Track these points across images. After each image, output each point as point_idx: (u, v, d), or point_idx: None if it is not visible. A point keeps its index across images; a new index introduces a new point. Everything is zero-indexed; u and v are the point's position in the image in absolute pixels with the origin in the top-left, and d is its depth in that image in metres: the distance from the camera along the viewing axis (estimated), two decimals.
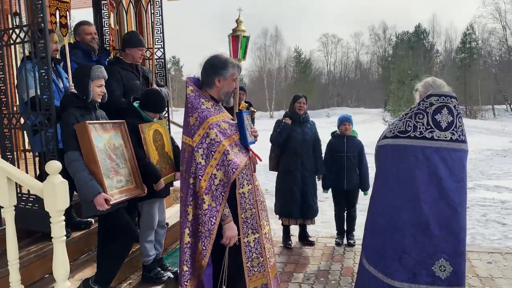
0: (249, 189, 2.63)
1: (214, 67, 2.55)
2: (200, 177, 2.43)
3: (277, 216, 4.89)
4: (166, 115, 4.36)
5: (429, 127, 2.57)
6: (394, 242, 2.61)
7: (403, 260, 2.58)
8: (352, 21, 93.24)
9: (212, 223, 2.41)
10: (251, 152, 2.71)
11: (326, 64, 64.72)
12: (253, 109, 3.64)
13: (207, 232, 2.42)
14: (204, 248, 2.45)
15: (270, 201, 5.98)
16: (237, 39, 3.43)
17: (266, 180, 8.52)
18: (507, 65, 45.37)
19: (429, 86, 2.81)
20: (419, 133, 2.58)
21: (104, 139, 2.91)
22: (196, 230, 2.59)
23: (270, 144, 4.83)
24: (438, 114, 2.58)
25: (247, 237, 2.63)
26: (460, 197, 2.57)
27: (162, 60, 4.48)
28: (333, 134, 4.97)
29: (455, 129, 2.58)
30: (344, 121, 4.83)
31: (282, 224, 4.87)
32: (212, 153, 2.42)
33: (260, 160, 2.86)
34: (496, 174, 10.51)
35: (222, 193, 2.43)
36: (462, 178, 2.59)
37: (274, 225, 5.53)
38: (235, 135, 2.59)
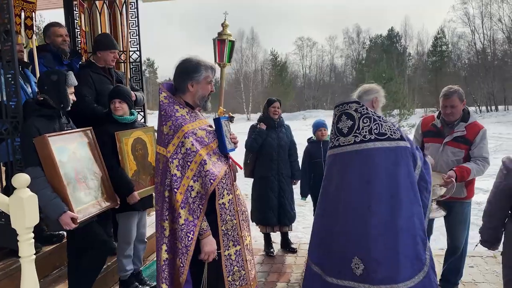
0: (229, 199, 2.51)
1: (185, 71, 2.41)
2: (175, 189, 2.28)
3: (254, 223, 4.79)
4: (143, 120, 4.20)
5: (336, 135, 2.76)
6: (326, 243, 2.75)
7: (332, 258, 2.71)
8: (326, 25, 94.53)
9: (190, 239, 2.27)
10: (231, 160, 2.60)
11: (302, 67, 65.29)
12: (231, 115, 3.51)
13: (184, 249, 2.28)
14: (181, 265, 2.31)
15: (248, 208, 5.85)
16: (223, 43, 3.32)
17: (247, 185, 8.41)
18: (475, 68, 46.87)
19: (358, 95, 2.96)
20: (332, 143, 2.79)
21: (68, 150, 2.73)
22: (174, 246, 2.44)
23: (245, 150, 4.73)
24: (340, 122, 2.75)
25: (228, 249, 2.51)
26: (369, 197, 2.56)
27: (138, 64, 4.32)
28: (309, 140, 4.91)
29: (357, 131, 2.65)
30: (320, 126, 4.79)
31: (261, 231, 4.77)
32: (188, 163, 2.29)
33: (241, 168, 2.75)
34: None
35: (200, 206, 2.30)
36: (375, 177, 2.58)
37: (255, 232, 5.43)
38: (213, 143, 2.47)
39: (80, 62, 3.88)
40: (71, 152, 2.74)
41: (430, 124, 3.53)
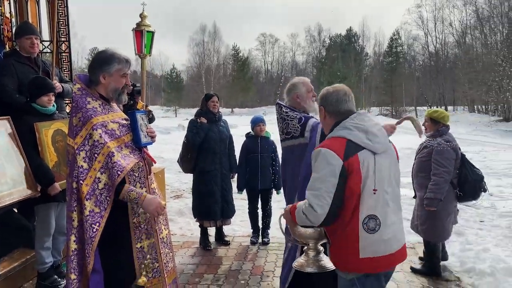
0: None
1: (98, 62, 2.42)
2: (81, 181, 2.30)
3: (195, 218, 4.84)
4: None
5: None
6: None
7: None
8: (288, 22, 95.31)
9: (94, 230, 2.30)
10: (145, 154, 2.62)
11: (264, 63, 65.65)
12: (149, 109, 3.51)
13: (89, 240, 2.31)
14: (87, 255, 2.34)
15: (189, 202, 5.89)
16: (141, 34, 3.32)
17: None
18: (428, 70, 48.96)
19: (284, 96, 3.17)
20: None
21: None
22: (82, 236, 2.45)
23: (183, 145, 4.75)
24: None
25: (140, 242, 2.54)
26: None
27: (68, 54, 4.22)
28: (247, 135, 5.01)
29: (279, 131, 2.92)
30: (259, 122, 4.90)
31: (200, 226, 4.82)
32: (96, 155, 2.30)
33: (154, 162, 2.77)
34: (409, 171, 11.21)
35: (108, 198, 2.32)
36: (284, 172, 2.96)
37: (192, 225, 5.48)
38: (126, 136, 2.49)
39: (4, 51, 3.75)
40: None
41: None
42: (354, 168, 1.96)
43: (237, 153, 4.99)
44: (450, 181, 3.83)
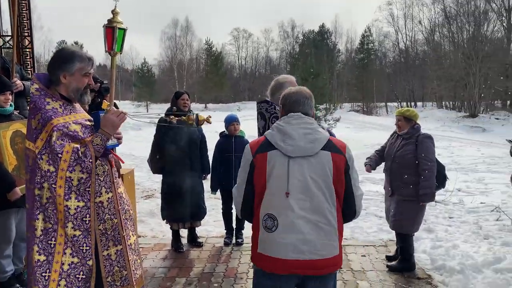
0: (108, 198, 2.42)
1: (58, 61, 2.29)
2: (53, 185, 2.19)
3: (164, 220, 4.71)
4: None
5: (258, 134, 2.91)
6: None
7: None
8: (262, 17, 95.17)
9: (87, 222, 2.28)
10: (112, 155, 2.50)
11: (238, 58, 65.31)
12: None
13: (85, 232, 2.28)
14: (88, 247, 2.31)
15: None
16: (113, 31, 3.15)
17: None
18: (398, 67, 50.01)
19: (271, 92, 3.03)
20: None
21: None
22: (47, 246, 2.31)
23: (152, 145, 4.60)
24: (257, 121, 2.94)
25: (107, 249, 2.43)
26: None
27: (30, 50, 4.00)
28: (221, 134, 4.91)
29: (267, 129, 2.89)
30: (233, 121, 4.80)
31: (172, 228, 4.70)
32: (59, 155, 2.17)
33: (123, 162, 2.65)
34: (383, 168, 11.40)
35: (87, 189, 2.27)
36: None
37: (164, 227, 5.34)
38: (90, 138, 2.36)
39: None
40: None
41: None
42: (260, 165, 2.07)
43: (213, 151, 4.87)
44: None
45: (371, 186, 8.79)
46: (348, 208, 2.12)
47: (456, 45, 38.05)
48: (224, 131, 4.91)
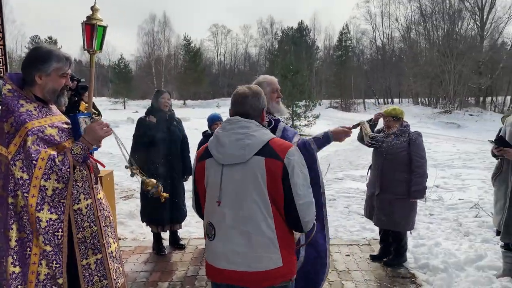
0: (87, 204, 2.30)
1: (33, 61, 2.15)
2: (25, 194, 2.05)
3: (143, 222, 4.58)
4: None
5: None
6: None
7: None
8: (241, 13, 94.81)
9: (59, 237, 2.13)
10: (91, 160, 2.38)
11: (217, 54, 64.90)
12: (94, 111, 3.20)
13: (56, 248, 2.13)
14: (58, 265, 2.15)
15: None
16: (92, 28, 3.00)
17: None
18: (376, 64, 50.72)
19: None
20: None
21: None
22: (22, 257, 2.18)
23: (132, 145, 4.45)
24: None
25: (86, 259, 2.31)
26: None
27: (2, 47, 3.79)
28: (204, 133, 4.80)
29: None
30: (216, 120, 4.70)
31: (152, 231, 4.57)
32: (34, 162, 2.04)
33: (103, 166, 2.53)
34: (362, 164, 11.50)
35: (62, 201, 2.13)
36: None
37: (144, 229, 5.21)
38: (68, 142, 2.23)
39: None
40: None
41: None
42: (200, 173, 2.05)
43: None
44: None
45: (352, 183, 8.83)
46: (290, 218, 1.92)
47: (432, 42, 38.81)
48: (207, 130, 4.80)
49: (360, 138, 4.17)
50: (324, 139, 2.90)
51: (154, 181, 2.67)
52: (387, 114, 4.15)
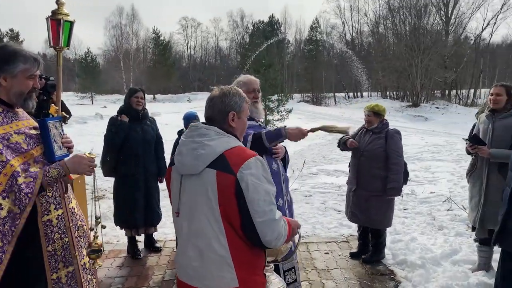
0: (58, 215, 2.15)
1: None
2: None
3: (117, 225, 4.40)
4: None
5: None
6: None
7: None
8: (210, 6, 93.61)
9: None
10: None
11: (187, 47, 64.01)
12: (65, 115, 3.01)
13: None
14: None
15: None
16: (58, 24, 2.80)
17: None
18: (345, 58, 51.31)
19: None
20: None
21: None
22: None
23: (103, 145, 4.26)
24: None
25: (56, 272, 2.16)
26: None
27: None
28: (180, 132, 4.65)
29: None
30: (192, 119, 4.55)
31: (126, 235, 4.41)
32: None
33: (71, 178, 2.37)
34: (335, 158, 11.60)
35: (13, 228, 1.90)
36: None
37: (118, 231, 5.02)
38: (36, 150, 2.06)
39: None
40: None
41: None
42: (168, 179, 1.97)
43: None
44: None
45: (326, 178, 8.87)
46: (249, 236, 1.71)
47: (399, 37, 39.59)
48: (183, 129, 4.65)
49: (343, 143, 4.20)
50: (275, 134, 2.70)
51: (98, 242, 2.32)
52: (369, 109, 4.17)
